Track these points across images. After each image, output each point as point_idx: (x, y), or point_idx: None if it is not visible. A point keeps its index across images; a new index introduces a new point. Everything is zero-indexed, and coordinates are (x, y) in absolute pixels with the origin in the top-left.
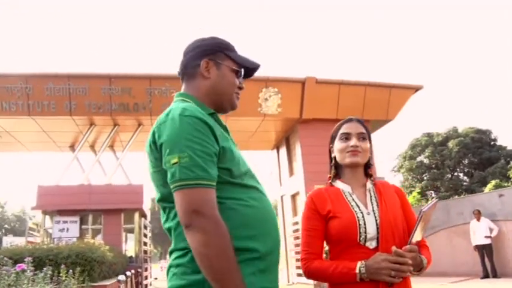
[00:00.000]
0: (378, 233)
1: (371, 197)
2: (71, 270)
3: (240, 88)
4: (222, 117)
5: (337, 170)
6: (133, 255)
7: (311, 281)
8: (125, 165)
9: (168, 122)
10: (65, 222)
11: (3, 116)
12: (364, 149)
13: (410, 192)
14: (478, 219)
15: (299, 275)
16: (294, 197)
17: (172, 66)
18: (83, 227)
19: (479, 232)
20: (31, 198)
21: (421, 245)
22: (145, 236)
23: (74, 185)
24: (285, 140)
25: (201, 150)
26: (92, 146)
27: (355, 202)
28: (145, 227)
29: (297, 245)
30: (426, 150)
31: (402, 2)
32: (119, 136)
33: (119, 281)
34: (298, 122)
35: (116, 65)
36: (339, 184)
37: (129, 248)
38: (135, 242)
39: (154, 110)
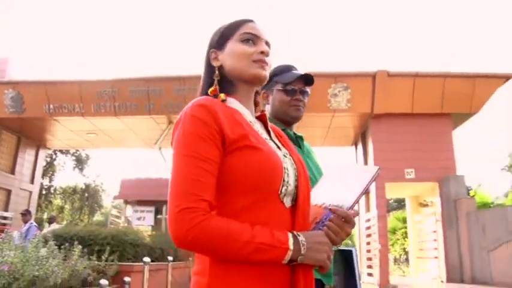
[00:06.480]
0: (295, 186)
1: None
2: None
3: (297, 99)
4: None
5: (223, 86)
6: None
7: (375, 279)
8: None
9: None
10: (142, 211)
11: (96, 116)
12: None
13: None
14: None
15: (369, 274)
16: (367, 194)
17: None
18: (158, 216)
19: None
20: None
21: None
22: None
23: (153, 178)
24: (361, 135)
25: None
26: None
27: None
28: None
29: (368, 243)
30: None
31: None
32: None
33: (144, 262)
34: (370, 117)
35: (187, 66)
36: (234, 103)
37: None
38: None
39: None
